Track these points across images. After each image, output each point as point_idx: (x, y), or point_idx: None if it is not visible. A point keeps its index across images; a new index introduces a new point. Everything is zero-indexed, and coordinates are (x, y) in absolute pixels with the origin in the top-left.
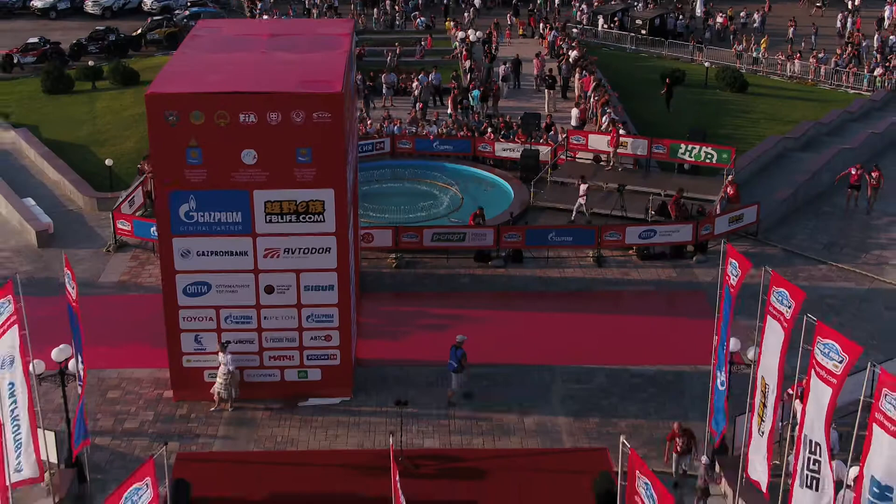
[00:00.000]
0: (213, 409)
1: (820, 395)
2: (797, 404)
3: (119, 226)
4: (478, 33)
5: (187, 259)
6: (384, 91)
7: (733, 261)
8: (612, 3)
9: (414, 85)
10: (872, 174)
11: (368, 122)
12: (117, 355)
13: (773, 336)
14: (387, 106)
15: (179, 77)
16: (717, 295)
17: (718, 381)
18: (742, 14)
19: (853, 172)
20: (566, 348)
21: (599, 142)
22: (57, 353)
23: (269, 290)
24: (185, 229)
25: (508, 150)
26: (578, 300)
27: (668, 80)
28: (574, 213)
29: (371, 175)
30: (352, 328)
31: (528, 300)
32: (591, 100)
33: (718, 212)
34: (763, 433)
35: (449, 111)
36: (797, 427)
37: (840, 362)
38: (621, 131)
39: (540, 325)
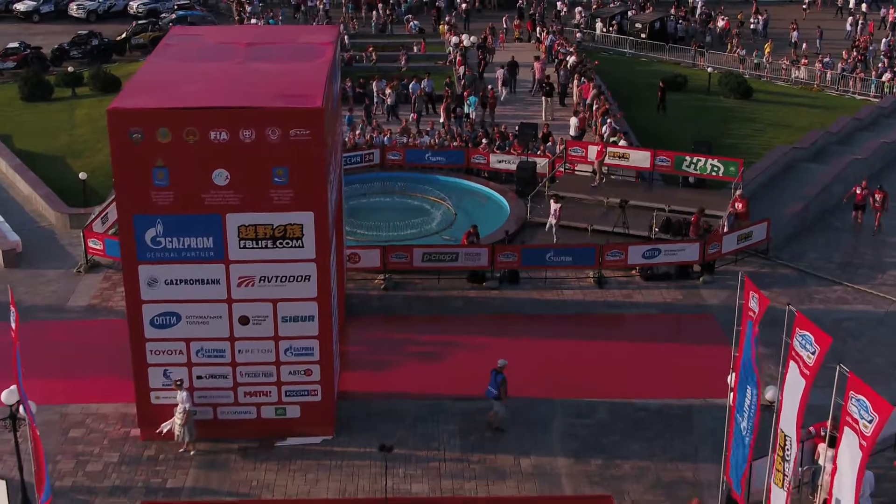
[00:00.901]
0: (182, 450)
1: (853, 456)
2: (822, 448)
3: (90, 245)
4: (472, 38)
5: (154, 288)
6: (375, 99)
7: (754, 294)
8: (611, 5)
9: (387, 91)
10: (876, 195)
11: (356, 133)
12: (82, 388)
13: (794, 385)
14: (376, 114)
15: (146, 90)
16: (734, 331)
17: (741, 426)
18: (752, 19)
19: (857, 192)
20: (565, 379)
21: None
22: (7, 396)
23: (244, 321)
24: (151, 256)
25: (504, 161)
26: (578, 324)
27: (661, 83)
28: (553, 236)
29: (359, 188)
30: (334, 361)
31: (524, 325)
32: (593, 108)
33: (726, 229)
34: (783, 488)
35: (441, 120)
36: (825, 475)
37: (870, 421)
38: (622, 142)
39: (537, 353)
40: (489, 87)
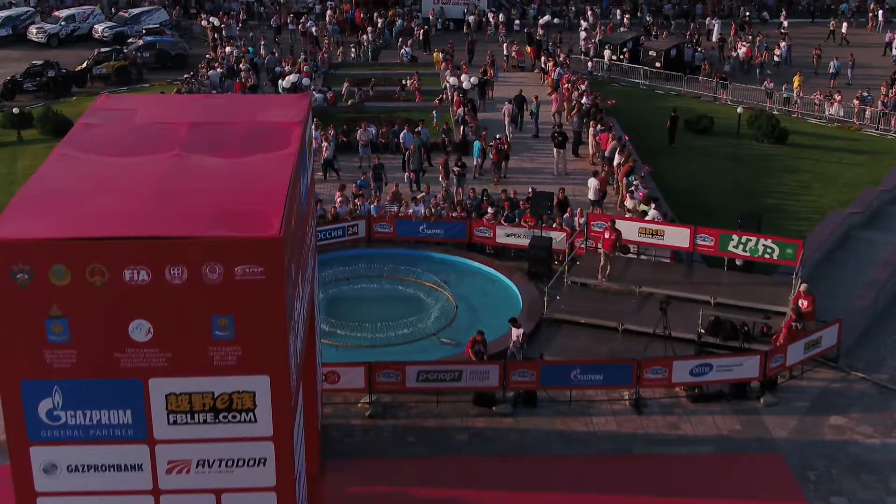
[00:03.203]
0: None
1: None
2: None
3: None
4: (472, 79)
5: (54, 477)
6: (360, 151)
7: None
8: (621, 30)
9: (323, 144)
10: None
11: (337, 202)
12: None
13: None
14: (363, 167)
15: (38, 207)
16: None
17: None
18: (782, 44)
19: None
20: None
21: (629, 229)
22: None
23: None
24: (48, 435)
25: (513, 235)
26: (613, 472)
27: (673, 112)
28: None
29: (340, 271)
30: None
31: (545, 471)
32: (613, 162)
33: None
34: None
35: (440, 177)
36: None
37: None
38: (651, 213)
39: None
40: (497, 136)
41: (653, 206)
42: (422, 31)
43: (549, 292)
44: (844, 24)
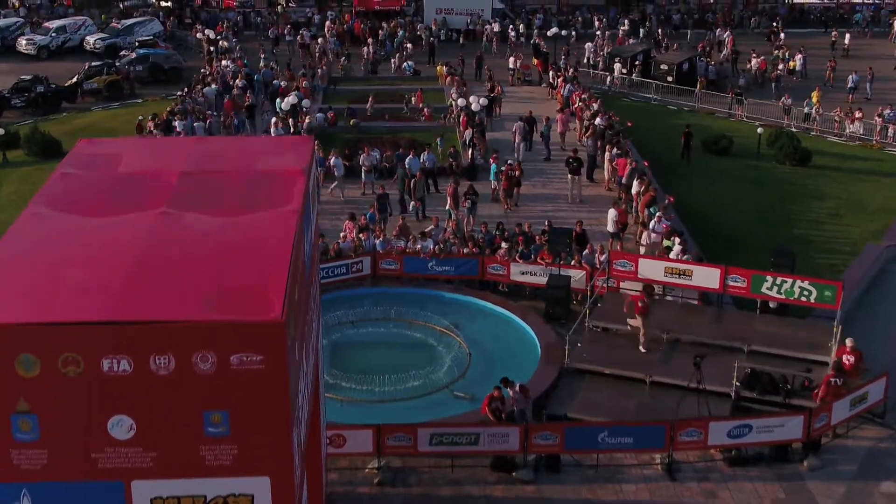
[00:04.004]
0: None
1: None
2: None
3: None
4: (481, 100)
5: None
6: (363, 177)
7: None
8: (630, 42)
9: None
10: None
11: (342, 236)
12: None
13: None
14: (366, 194)
15: (3, 283)
16: None
17: None
18: (798, 56)
19: None
20: None
21: (653, 269)
22: None
23: None
24: None
25: (528, 273)
26: None
27: (687, 128)
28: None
29: (343, 313)
30: None
31: None
32: (630, 189)
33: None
34: None
35: (447, 206)
36: None
37: None
38: (676, 248)
39: None
40: (508, 161)
41: (677, 240)
42: (409, 44)
43: (569, 339)
44: (847, 36)
